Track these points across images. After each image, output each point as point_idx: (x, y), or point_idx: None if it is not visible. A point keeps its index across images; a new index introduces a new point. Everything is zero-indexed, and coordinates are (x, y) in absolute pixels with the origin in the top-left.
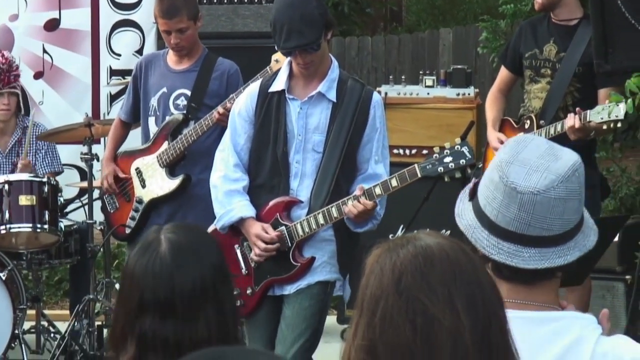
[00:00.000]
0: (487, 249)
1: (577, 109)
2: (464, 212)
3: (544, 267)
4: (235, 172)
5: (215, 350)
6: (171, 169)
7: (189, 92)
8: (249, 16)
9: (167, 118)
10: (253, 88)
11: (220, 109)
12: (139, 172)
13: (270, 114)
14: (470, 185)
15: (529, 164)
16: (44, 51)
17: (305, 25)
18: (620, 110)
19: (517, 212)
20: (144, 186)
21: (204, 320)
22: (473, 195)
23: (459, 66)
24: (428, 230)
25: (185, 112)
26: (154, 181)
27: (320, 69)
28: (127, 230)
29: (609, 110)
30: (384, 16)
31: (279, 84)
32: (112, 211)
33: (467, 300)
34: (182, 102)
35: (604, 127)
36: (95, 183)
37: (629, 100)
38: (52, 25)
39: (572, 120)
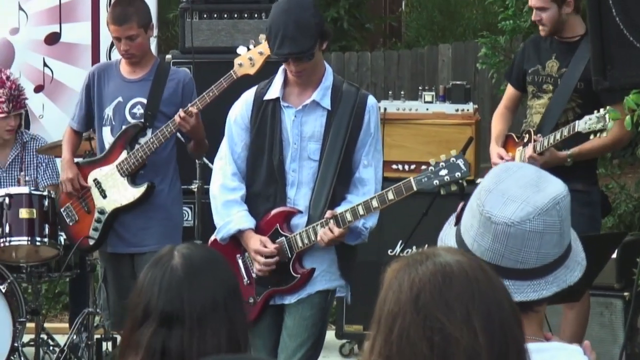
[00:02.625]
0: None
1: (538, 135)
2: (446, 238)
3: (516, 300)
4: (232, 181)
5: (218, 358)
6: (132, 177)
7: (144, 101)
8: (249, 31)
9: (124, 127)
10: (248, 95)
11: (181, 113)
12: (97, 183)
13: (266, 122)
14: (458, 209)
15: (508, 193)
16: (45, 65)
17: (299, 33)
18: (605, 120)
19: (491, 243)
20: (104, 196)
21: (213, 335)
22: (458, 220)
23: (458, 82)
24: (448, 246)
25: (142, 120)
26: (116, 191)
27: (315, 77)
28: (91, 242)
29: (595, 120)
30: (383, 32)
31: (273, 92)
32: (71, 224)
33: (485, 320)
34: (139, 110)
35: (591, 136)
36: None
37: (627, 117)
38: (52, 39)
39: (529, 150)
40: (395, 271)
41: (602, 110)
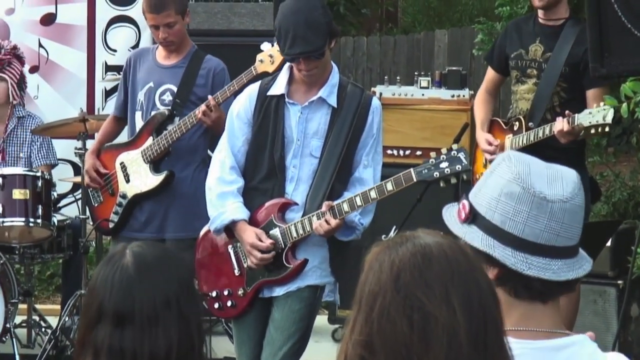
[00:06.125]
0: (517, 265)
1: (567, 112)
2: (469, 238)
3: (572, 277)
4: (230, 174)
5: None
6: (155, 165)
7: (175, 88)
8: (245, 14)
9: (152, 113)
10: (252, 89)
11: (203, 107)
12: (123, 166)
13: (269, 117)
14: (464, 208)
15: (544, 174)
16: (40, 45)
17: (310, 32)
18: (609, 114)
19: (547, 222)
20: (128, 181)
21: (165, 333)
22: (474, 217)
23: (454, 68)
24: (428, 229)
25: (170, 107)
26: (138, 177)
27: (323, 75)
28: (110, 225)
29: (599, 114)
30: (379, 17)
31: (278, 88)
32: (96, 205)
33: (464, 298)
34: (168, 97)
35: (592, 131)
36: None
37: (624, 105)
38: (48, 19)
39: (560, 124)
40: (376, 253)
41: (602, 104)
